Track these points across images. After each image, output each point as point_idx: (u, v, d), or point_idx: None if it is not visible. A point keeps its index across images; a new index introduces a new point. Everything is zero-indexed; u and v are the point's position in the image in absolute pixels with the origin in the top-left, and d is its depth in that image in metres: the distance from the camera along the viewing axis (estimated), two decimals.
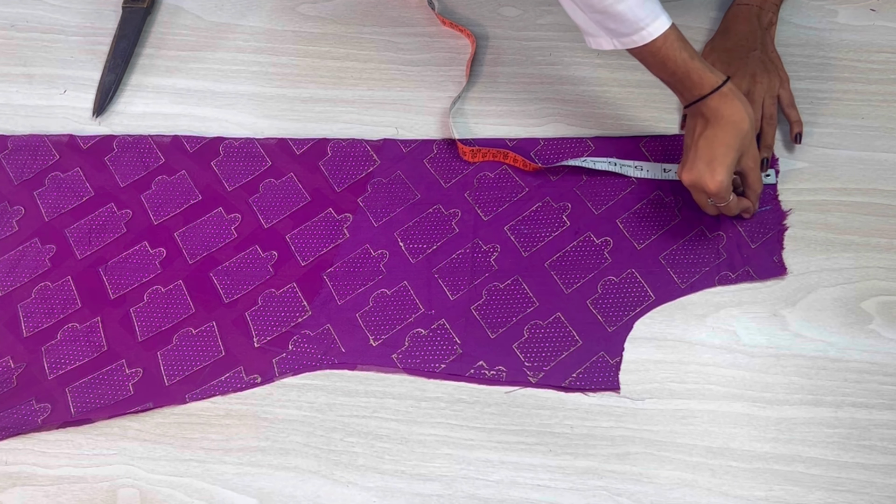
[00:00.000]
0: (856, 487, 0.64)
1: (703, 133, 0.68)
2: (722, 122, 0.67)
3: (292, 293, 0.75)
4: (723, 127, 0.67)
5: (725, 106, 0.67)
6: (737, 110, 0.67)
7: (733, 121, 0.67)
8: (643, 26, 0.65)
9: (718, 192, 0.68)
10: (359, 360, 0.72)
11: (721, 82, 0.67)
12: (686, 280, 0.73)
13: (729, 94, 0.67)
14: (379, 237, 0.77)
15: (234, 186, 0.81)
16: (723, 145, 0.67)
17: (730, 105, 0.67)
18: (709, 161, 0.67)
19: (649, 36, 0.66)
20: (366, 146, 0.82)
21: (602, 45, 0.69)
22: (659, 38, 0.66)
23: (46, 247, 0.79)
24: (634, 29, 0.66)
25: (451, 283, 0.75)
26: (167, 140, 0.84)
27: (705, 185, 0.67)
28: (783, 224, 0.74)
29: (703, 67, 0.67)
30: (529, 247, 0.76)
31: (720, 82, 0.67)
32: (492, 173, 0.80)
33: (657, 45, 0.66)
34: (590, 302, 0.73)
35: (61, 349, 0.74)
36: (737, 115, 0.67)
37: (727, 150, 0.67)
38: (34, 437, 0.71)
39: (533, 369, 0.71)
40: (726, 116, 0.67)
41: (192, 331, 0.74)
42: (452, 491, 0.66)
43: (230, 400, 0.71)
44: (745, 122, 0.67)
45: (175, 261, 0.78)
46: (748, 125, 0.67)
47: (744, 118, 0.67)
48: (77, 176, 0.83)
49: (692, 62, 0.67)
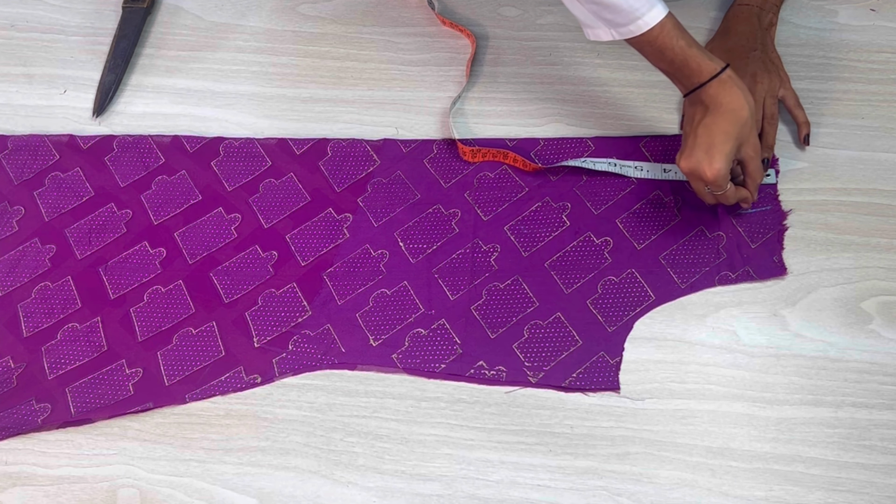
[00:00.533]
0: (856, 487, 0.64)
1: (702, 120, 0.68)
2: (721, 110, 0.66)
3: (292, 293, 0.75)
4: (722, 114, 0.66)
5: (724, 93, 0.66)
6: (736, 98, 0.66)
7: (732, 108, 0.66)
8: (639, 16, 0.65)
9: (716, 180, 0.67)
10: (359, 360, 0.72)
11: (720, 69, 0.66)
12: (686, 280, 0.73)
13: (728, 81, 0.66)
14: (379, 237, 0.77)
15: (234, 186, 0.81)
16: (721, 133, 0.66)
17: (729, 92, 0.66)
18: (707, 148, 0.67)
19: (646, 25, 0.66)
20: (366, 146, 0.82)
21: (600, 36, 0.69)
22: (655, 26, 0.66)
23: (46, 247, 0.79)
24: (631, 19, 0.66)
25: (451, 283, 0.75)
26: (167, 140, 0.84)
27: (703, 172, 0.67)
28: (783, 224, 0.74)
29: (702, 55, 0.67)
30: (529, 247, 0.76)
31: (719, 69, 0.66)
32: (492, 173, 0.80)
33: (654, 34, 0.66)
34: (590, 302, 0.73)
35: (61, 349, 0.74)
36: (736, 102, 0.66)
37: (726, 137, 0.66)
38: (34, 437, 0.71)
39: (533, 369, 0.71)
40: (725, 104, 0.66)
41: (192, 331, 0.74)
42: (452, 491, 0.66)
43: (230, 400, 0.71)
44: (744, 109, 0.66)
45: (175, 261, 0.78)
46: (748, 113, 0.66)
47: (743, 106, 0.66)
48: (77, 176, 0.83)
49: (690, 50, 0.66)
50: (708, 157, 0.66)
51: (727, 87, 0.66)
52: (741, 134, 0.67)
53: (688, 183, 0.73)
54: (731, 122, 0.66)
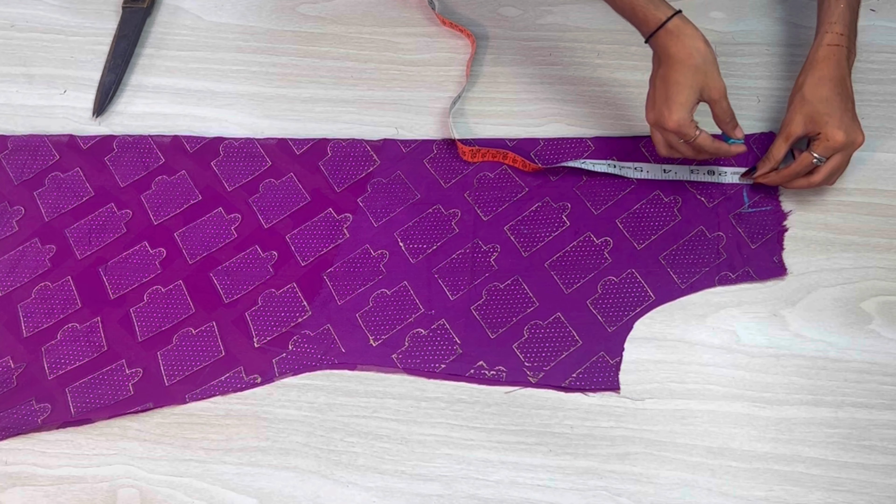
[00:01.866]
0: (856, 487, 0.64)
1: (657, 72, 0.68)
2: (670, 61, 0.66)
3: (292, 293, 0.75)
4: (671, 65, 0.66)
5: (672, 43, 0.65)
6: (682, 47, 0.65)
7: (680, 58, 0.65)
8: None
9: (679, 129, 0.67)
10: (359, 360, 0.72)
11: (666, 18, 0.65)
12: (686, 280, 0.73)
13: (674, 30, 0.65)
14: (379, 237, 0.77)
15: (234, 186, 0.81)
16: (674, 84, 0.66)
17: (676, 42, 0.65)
18: (665, 100, 0.66)
19: None
20: (366, 146, 0.82)
21: None
22: None
23: (46, 247, 0.79)
24: None
25: (451, 283, 0.75)
26: (167, 140, 0.84)
27: (664, 123, 0.67)
28: (783, 225, 0.74)
29: (649, 4, 0.65)
30: (529, 247, 0.76)
31: (664, 18, 0.65)
32: (491, 173, 0.80)
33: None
34: (590, 302, 0.73)
35: (61, 349, 0.74)
36: (683, 51, 0.65)
37: (679, 87, 0.66)
38: (34, 437, 0.71)
39: (533, 369, 0.70)
40: (673, 55, 0.65)
41: (192, 331, 0.74)
42: (452, 491, 0.66)
43: (230, 400, 0.71)
44: (692, 57, 0.65)
45: (175, 261, 0.78)
46: (699, 59, 0.65)
47: (691, 54, 0.65)
48: (77, 176, 0.83)
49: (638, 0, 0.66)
50: (667, 108, 0.66)
51: (673, 37, 0.65)
52: (695, 81, 0.66)
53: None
54: (682, 71, 0.65)
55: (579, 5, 0.89)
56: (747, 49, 0.85)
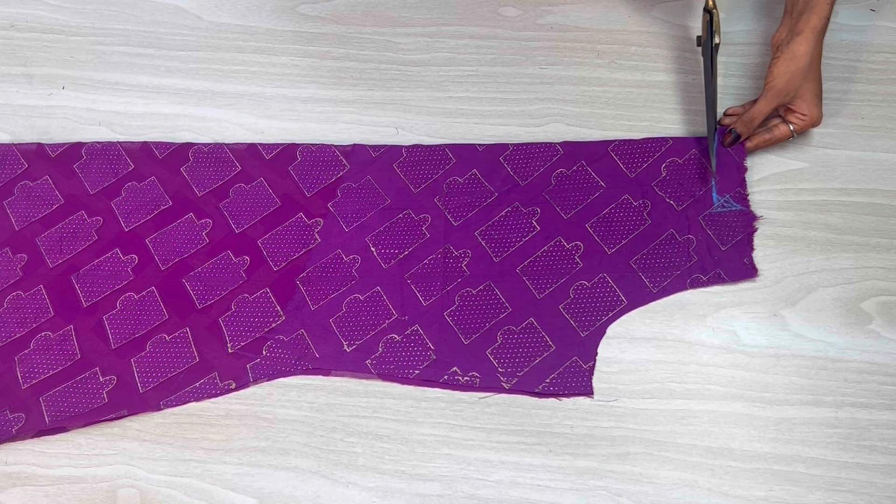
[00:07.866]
0: (856, 487, 0.64)
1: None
2: None
3: (265, 298, 0.75)
4: None
5: None
6: None
7: None
8: None
9: None
10: (333, 366, 0.72)
11: None
12: (658, 284, 0.73)
13: None
14: (350, 242, 0.77)
15: (204, 192, 0.81)
16: None
17: None
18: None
19: None
20: (335, 151, 0.82)
21: None
22: None
23: (17, 256, 0.79)
24: None
25: (424, 289, 0.74)
26: (136, 146, 0.83)
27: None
28: (753, 226, 0.74)
29: None
30: (500, 252, 0.76)
31: None
32: (461, 178, 0.79)
33: None
34: (562, 307, 0.73)
35: (34, 358, 0.74)
36: None
37: None
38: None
39: (506, 375, 0.70)
40: None
41: (165, 337, 0.74)
42: (452, 491, 0.66)
43: (230, 400, 0.71)
44: None
45: (147, 267, 0.77)
46: None
47: None
48: (46, 184, 0.82)
49: None
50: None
51: None
52: None
53: None
54: None
55: (579, 5, 0.89)
56: (747, 49, 0.85)
